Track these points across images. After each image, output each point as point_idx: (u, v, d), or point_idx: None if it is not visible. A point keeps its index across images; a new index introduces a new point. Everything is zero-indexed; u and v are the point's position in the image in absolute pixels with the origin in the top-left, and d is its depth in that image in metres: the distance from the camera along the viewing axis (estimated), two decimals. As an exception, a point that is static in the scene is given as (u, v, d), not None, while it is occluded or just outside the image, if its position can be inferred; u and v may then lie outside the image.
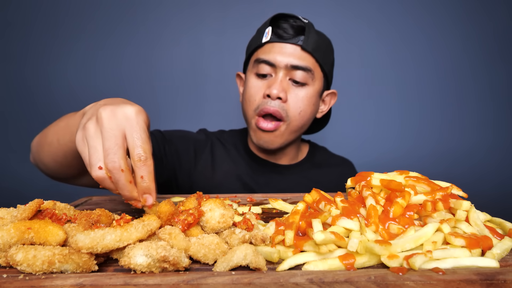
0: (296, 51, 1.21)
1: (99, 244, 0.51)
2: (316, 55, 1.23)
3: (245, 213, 0.73)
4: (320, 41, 1.26)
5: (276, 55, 1.22)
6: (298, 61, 1.21)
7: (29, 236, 0.52)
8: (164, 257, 0.49)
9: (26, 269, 0.49)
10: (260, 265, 0.52)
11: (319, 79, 1.27)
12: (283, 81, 1.22)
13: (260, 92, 1.24)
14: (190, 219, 0.60)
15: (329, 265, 0.52)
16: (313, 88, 1.25)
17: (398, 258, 0.53)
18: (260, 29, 1.31)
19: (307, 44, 1.21)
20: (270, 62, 1.22)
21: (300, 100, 1.23)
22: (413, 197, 0.68)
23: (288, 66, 1.21)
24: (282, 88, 1.21)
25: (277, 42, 1.23)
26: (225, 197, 1.00)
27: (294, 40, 1.22)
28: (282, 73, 1.22)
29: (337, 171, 1.47)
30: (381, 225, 0.61)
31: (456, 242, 0.57)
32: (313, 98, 1.26)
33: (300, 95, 1.23)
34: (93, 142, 0.66)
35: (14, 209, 0.63)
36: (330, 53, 1.33)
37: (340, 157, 1.57)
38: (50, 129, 1.04)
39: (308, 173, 1.42)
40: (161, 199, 1.01)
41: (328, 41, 1.33)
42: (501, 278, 0.49)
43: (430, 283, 0.48)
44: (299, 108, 1.23)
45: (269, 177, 1.37)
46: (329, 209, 0.68)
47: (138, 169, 0.65)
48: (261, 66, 1.24)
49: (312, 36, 1.23)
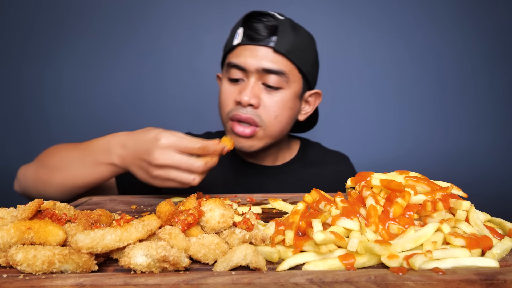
0: (268, 53, 1.12)
1: (99, 244, 0.51)
2: (291, 56, 1.13)
3: (245, 213, 0.73)
4: (296, 40, 1.15)
5: (247, 58, 1.13)
6: (271, 64, 1.12)
7: (29, 236, 0.52)
8: (164, 257, 0.49)
9: (26, 269, 0.49)
10: (260, 265, 0.52)
11: (296, 81, 1.18)
12: (255, 86, 1.14)
13: (232, 97, 1.17)
14: (190, 219, 0.60)
15: (329, 265, 0.52)
16: (289, 92, 1.17)
17: (398, 258, 0.53)
18: (233, 30, 1.22)
19: (280, 45, 1.12)
20: (240, 66, 1.14)
21: (274, 105, 1.15)
22: (413, 197, 0.68)
23: (259, 70, 1.12)
24: (253, 94, 1.13)
25: (248, 45, 1.15)
26: (225, 197, 1.00)
27: (265, 42, 1.13)
28: (254, 78, 1.14)
29: (331, 169, 1.40)
30: (381, 225, 0.61)
31: (456, 242, 0.57)
32: (289, 102, 1.18)
33: (274, 100, 1.15)
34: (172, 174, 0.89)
35: (14, 209, 0.63)
36: (309, 52, 1.22)
37: (334, 153, 1.49)
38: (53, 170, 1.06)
39: (299, 173, 1.36)
40: (161, 199, 1.01)
41: (308, 39, 1.23)
42: (501, 278, 0.49)
43: (430, 283, 0.48)
44: (274, 113, 1.16)
45: (256, 180, 1.31)
46: (329, 209, 0.68)
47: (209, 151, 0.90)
48: (232, 71, 1.17)
49: (286, 36, 1.13)
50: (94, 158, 1.00)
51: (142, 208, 0.91)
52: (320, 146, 1.51)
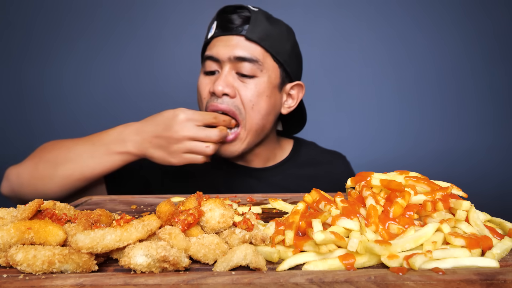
0: (241, 41, 1.12)
1: (99, 244, 0.51)
2: (264, 44, 1.13)
3: (245, 213, 0.73)
4: (270, 29, 1.15)
5: (219, 48, 1.13)
6: (243, 51, 1.11)
7: (29, 236, 0.52)
8: (164, 257, 0.49)
9: (26, 269, 0.49)
10: (260, 265, 0.52)
11: (271, 69, 1.16)
12: (228, 75, 1.13)
13: (206, 89, 1.16)
14: (190, 219, 0.60)
15: (329, 265, 0.52)
16: (263, 79, 1.14)
17: (398, 258, 0.53)
18: (209, 25, 1.23)
19: (252, 33, 1.11)
20: (213, 57, 1.14)
21: (249, 93, 1.13)
22: (413, 197, 0.68)
23: (231, 59, 1.12)
24: (227, 83, 1.12)
25: (221, 36, 1.15)
26: (225, 197, 1.00)
27: (238, 31, 1.13)
28: (228, 67, 1.13)
29: (324, 169, 1.36)
30: (381, 225, 0.61)
31: (456, 242, 0.57)
32: (266, 90, 1.15)
33: (249, 88, 1.13)
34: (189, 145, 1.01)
35: (14, 209, 0.63)
36: (285, 41, 1.20)
37: (330, 153, 1.46)
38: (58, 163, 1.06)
39: (289, 174, 1.31)
40: (161, 199, 1.01)
41: (285, 29, 1.21)
42: (501, 278, 0.49)
43: (430, 283, 0.48)
44: (250, 102, 1.13)
45: (244, 182, 1.27)
46: (329, 209, 0.68)
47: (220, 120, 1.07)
48: (207, 63, 1.17)
49: (259, 24, 1.13)
50: (107, 149, 1.03)
51: (142, 208, 0.91)
52: (315, 145, 1.47)
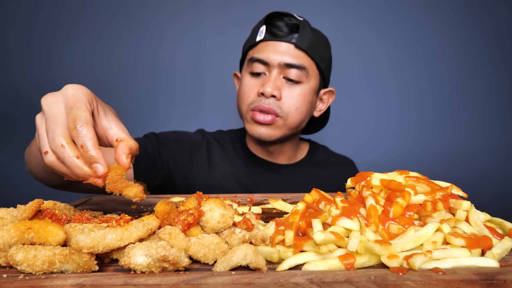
0: (290, 49, 1.20)
1: (100, 243, 0.51)
2: (310, 53, 1.22)
3: (245, 213, 0.73)
4: (315, 38, 1.24)
5: (269, 53, 1.21)
6: (292, 59, 1.20)
7: (29, 236, 0.52)
8: (164, 256, 0.49)
9: (26, 269, 0.49)
10: (260, 265, 0.52)
11: (314, 77, 1.26)
12: (277, 79, 1.21)
13: (254, 90, 1.23)
14: (190, 219, 0.60)
15: (329, 265, 0.52)
16: (308, 86, 1.24)
17: (398, 258, 0.53)
18: (255, 28, 1.29)
19: (301, 42, 1.20)
20: (263, 60, 1.21)
21: (295, 97, 1.22)
22: (413, 197, 0.68)
23: (281, 65, 1.20)
24: (276, 86, 1.20)
25: (271, 41, 1.22)
26: (225, 197, 1.00)
27: (287, 38, 1.20)
28: (276, 72, 1.21)
29: (337, 171, 1.45)
30: (381, 225, 0.61)
31: (456, 242, 0.57)
32: (308, 96, 1.25)
33: (295, 93, 1.22)
34: (39, 130, 0.63)
35: (14, 209, 0.63)
36: (326, 50, 1.31)
37: (341, 156, 1.55)
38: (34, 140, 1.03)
39: (308, 173, 1.41)
40: (160, 199, 1.01)
41: (325, 39, 1.32)
42: (501, 278, 0.49)
43: (430, 283, 0.48)
44: (295, 105, 1.22)
45: (267, 177, 1.35)
46: (329, 209, 0.68)
47: (76, 139, 0.59)
48: (255, 65, 1.23)
49: (306, 34, 1.21)
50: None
51: (142, 208, 0.91)
52: (327, 149, 1.56)
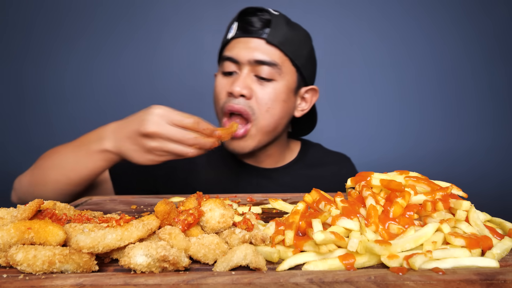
0: (261, 45, 1.13)
1: (100, 243, 0.51)
2: (284, 48, 1.14)
3: (245, 213, 0.73)
4: (290, 33, 1.16)
5: (239, 50, 1.14)
6: (263, 55, 1.12)
7: (29, 236, 0.52)
8: (164, 256, 0.49)
9: (26, 269, 0.49)
10: (260, 265, 0.52)
11: (289, 74, 1.17)
12: (247, 77, 1.14)
13: (225, 89, 1.17)
14: (190, 219, 0.60)
15: (329, 265, 0.52)
16: (281, 84, 1.16)
17: (398, 258, 0.53)
18: (229, 25, 1.23)
19: (273, 37, 1.12)
20: (233, 58, 1.15)
21: (266, 96, 1.14)
22: (413, 197, 0.68)
23: (252, 62, 1.13)
24: (245, 84, 1.13)
25: (242, 37, 1.16)
26: (225, 197, 1.00)
27: (258, 34, 1.13)
28: (247, 69, 1.14)
29: (331, 171, 1.38)
30: (381, 225, 0.61)
31: (456, 242, 0.57)
32: (282, 94, 1.17)
33: (266, 91, 1.14)
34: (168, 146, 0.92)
35: (14, 209, 0.63)
36: (304, 46, 1.22)
37: (336, 154, 1.48)
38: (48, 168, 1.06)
39: (298, 175, 1.33)
40: (160, 199, 1.01)
41: (303, 33, 1.23)
42: (501, 278, 0.49)
43: (430, 283, 0.48)
44: (266, 105, 1.14)
45: (254, 182, 1.29)
46: (329, 209, 0.68)
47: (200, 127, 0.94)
48: (226, 64, 1.17)
49: (280, 29, 1.14)
50: (87, 149, 1.00)
51: (142, 208, 0.91)
52: (321, 147, 1.49)
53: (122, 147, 0.97)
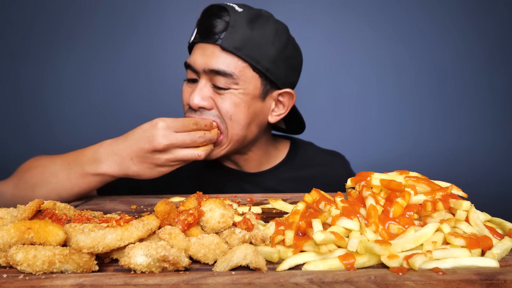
0: (215, 51, 1.03)
1: (100, 243, 0.51)
2: (240, 54, 1.02)
3: (245, 213, 0.73)
4: (251, 33, 1.03)
5: (196, 58, 1.06)
6: (217, 64, 1.02)
7: (29, 236, 0.52)
8: (164, 256, 0.49)
9: (26, 269, 0.49)
10: (260, 265, 0.52)
11: (248, 81, 1.06)
12: (204, 87, 1.06)
13: (187, 98, 1.11)
14: (190, 219, 0.60)
15: (329, 265, 0.52)
16: (240, 92, 1.06)
17: (398, 258, 0.53)
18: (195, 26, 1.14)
19: (228, 41, 1.01)
20: (191, 66, 1.08)
21: (226, 105, 1.06)
22: (413, 197, 0.68)
23: (206, 71, 1.04)
24: (203, 96, 1.05)
25: (199, 43, 1.07)
26: (225, 197, 1.00)
27: (214, 39, 1.03)
28: (204, 79, 1.06)
29: (320, 171, 1.30)
30: (381, 225, 0.61)
31: (456, 242, 0.57)
32: (243, 103, 1.07)
33: (225, 100, 1.06)
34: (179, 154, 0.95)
35: (14, 209, 0.63)
36: (270, 46, 1.06)
37: (327, 153, 1.39)
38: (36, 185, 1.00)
39: (286, 178, 1.26)
40: (160, 199, 1.01)
41: (270, 31, 1.07)
42: (501, 278, 0.49)
43: (430, 283, 0.48)
44: (228, 113, 1.06)
45: (239, 187, 1.23)
46: (329, 209, 0.68)
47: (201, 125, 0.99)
48: (188, 71, 1.11)
49: (238, 31, 1.01)
50: (82, 169, 0.95)
51: (142, 208, 0.91)
52: (313, 146, 1.41)
53: (130, 169, 0.94)
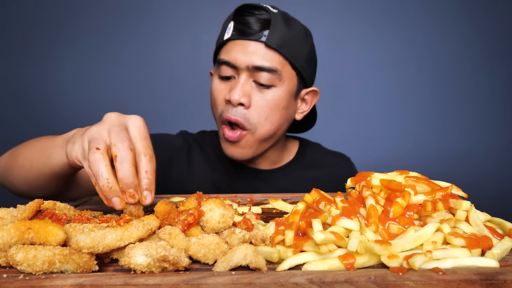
0: (259, 49, 1.06)
1: (100, 243, 0.51)
2: (283, 51, 1.06)
3: (245, 213, 0.73)
4: (288, 33, 1.08)
5: (237, 54, 1.07)
6: (262, 60, 1.06)
7: (29, 236, 0.52)
8: (164, 256, 0.49)
9: (26, 269, 0.49)
10: (260, 265, 0.52)
11: (289, 78, 1.11)
12: (246, 84, 1.08)
13: (222, 96, 1.12)
14: (190, 219, 0.60)
15: (329, 265, 0.52)
16: (282, 90, 1.10)
17: (398, 258, 0.53)
18: (224, 24, 1.16)
19: (271, 39, 1.05)
20: (230, 63, 1.08)
21: (265, 104, 1.09)
22: (413, 197, 0.68)
23: (250, 67, 1.06)
24: (244, 92, 1.07)
25: (239, 40, 1.08)
26: (225, 197, 1.00)
27: (256, 36, 1.06)
28: (245, 75, 1.08)
29: (328, 171, 1.34)
30: (381, 225, 0.61)
31: (456, 242, 0.57)
32: (282, 101, 1.11)
33: (265, 99, 1.09)
34: (96, 134, 0.64)
35: (14, 209, 0.63)
36: (304, 45, 1.14)
37: (334, 154, 1.44)
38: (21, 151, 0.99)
39: (294, 177, 1.30)
40: (160, 199, 1.01)
41: (303, 32, 1.15)
42: (501, 278, 0.49)
43: (430, 283, 0.48)
44: (265, 113, 1.09)
45: (250, 184, 1.25)
46: (329, 209, 0.68)
47: (143, 164, 0.63)
48: (222, 68, 1.11)
49: (278, 30, 1.06)
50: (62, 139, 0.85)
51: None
52: (320, 147, 1.46)
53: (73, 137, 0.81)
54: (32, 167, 0.92)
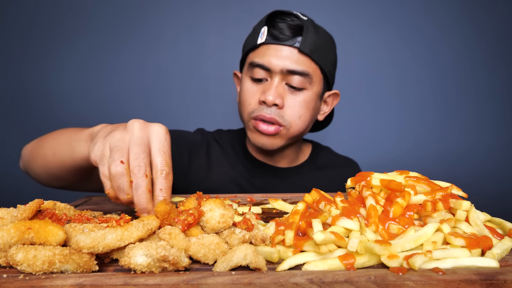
0: (293, 54, 1.13)
1: (100, 243, 0.51)
2: (314, 56, 1.15)
3: (245, 213, 0.73)
4: (319, 40, 1.16)
5: (271, 58, 1.14)
6: (295, 65, 1.13)
7: (29, 236, 0.52)
8: (164, 256, 0.49)
9: (26, 269, 0.49)
10: (260, 265, 0.52)
11: (318, 81, 1.20)
12: (279, 86, 1.15)
13: (255, 97, 1.18)
14: (190, 219, 0.60)
15: (329, 265, 0.52)
16: (311, 92, 1.18)
17: (398, 258, 0.53)
18: (256, 28, 1.22)
19: (304, 46, 1.12)
20: (265, 66, 1.15)
21: (298, 105, 1.17)
22: (413, 197, 0.68)
23: (284, 71, 1.13)
24: (278, 94, 1.14)
25: (273, 44, 1.15)
26: (225, 197, 1.00)
27: (290, 42, 1.13)
28: (278, 78, 1.15)
29: (340, 173, 1.41)
30: (381, 225, 0.61)
31: (456, 242, 0.57)
32: (312, 102, 1.20)
33: (297, 100, 1.16)
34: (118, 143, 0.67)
35: (14, 209, 0.63)
36: (330, 51, 1.24)
37: (344, 158, 1.52)
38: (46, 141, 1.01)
39: (309, 176, 1.37)
40: (161, 199, 1.01)
41: (329, 38, 1.24)
42: (501, 278, 0.49)
43: (430, 283, 0.48)
44: (298, 113, 1.17)
45: (267, 181, 1.32)
46: (329, 209, 0.68)
47: (159, 181, 0.67)
48: (255, 71, 1.17)
49: (310, 36, 1.14)
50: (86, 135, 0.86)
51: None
52: (330, 150, 1.53)
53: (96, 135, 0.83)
54: (55, 157, 0.95)
